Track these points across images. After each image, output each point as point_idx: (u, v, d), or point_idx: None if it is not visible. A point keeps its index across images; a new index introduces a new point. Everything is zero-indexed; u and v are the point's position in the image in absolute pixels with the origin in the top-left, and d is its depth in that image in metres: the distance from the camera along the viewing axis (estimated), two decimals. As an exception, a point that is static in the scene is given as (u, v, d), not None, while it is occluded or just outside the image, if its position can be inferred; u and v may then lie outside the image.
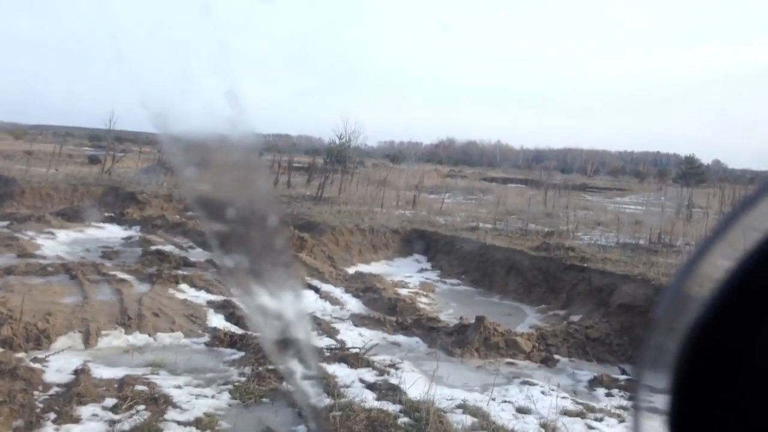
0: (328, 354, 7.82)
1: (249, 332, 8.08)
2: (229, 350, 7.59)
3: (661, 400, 0.52)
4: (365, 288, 10.70)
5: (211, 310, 9.07)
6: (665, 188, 49.15)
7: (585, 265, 10.50)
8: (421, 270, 12.85)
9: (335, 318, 9.48)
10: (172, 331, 8.04)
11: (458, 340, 8.37)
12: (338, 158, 47.05)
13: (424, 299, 10.70)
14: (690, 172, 51.96)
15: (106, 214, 16.56)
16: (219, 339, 7.79)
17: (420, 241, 13.90)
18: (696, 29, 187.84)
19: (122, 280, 9.88)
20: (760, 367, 0.49)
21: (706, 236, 0.55)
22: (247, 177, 1.26)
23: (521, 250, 11.74)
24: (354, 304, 10.20)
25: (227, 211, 1.19)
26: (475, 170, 64.21)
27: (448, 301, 10.77)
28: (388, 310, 9.88)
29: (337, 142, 51.55)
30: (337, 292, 10.71)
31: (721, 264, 0.50)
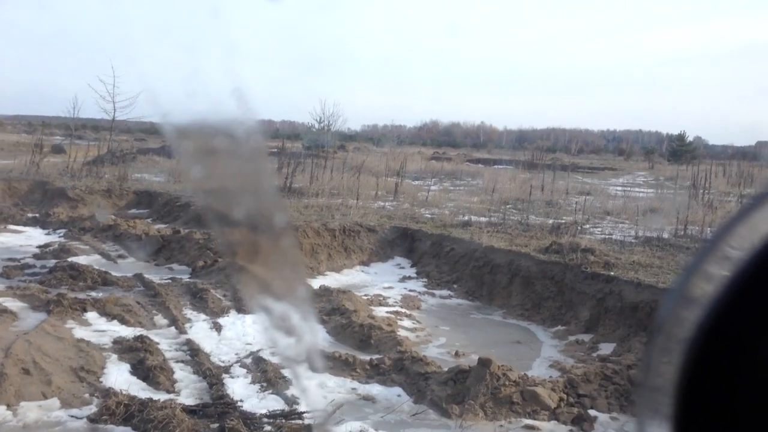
0: (268, 427, 5.47)
1: (157, 396, 5.68)
2: (120, 429, 5.19)
3: (666, 410, 0.50)
4: (331, 309, 8.33)
5: (115, 357, 6.63)
6: (656, 166, 47.33)
7: (612, 273, 8.21)
8: (404, 278, 10.49)
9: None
10: (45, 397, 5.60)
11: (456, 393, 6.05)
12: (317, 143, 44.48)
13: (406, 322, 8.36)
14: (681, 150, 50.11)
15: (30, 215, 13.94)
16: (110, 411, 5.36)
17: (402, 242, 11.53)
18: (673, 9, 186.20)
19: (3, 312, 7.38)
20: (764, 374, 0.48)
21: (710, 236, 0.54)
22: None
23: (527, 252, 9.42)
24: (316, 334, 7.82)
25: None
26: (460, 151, 62.19)
27: (437, 324, 8.44)
28: (359, 343, 7.54)
29: (316, 126, 49.06)
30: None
31: (726, 266, 0.49)
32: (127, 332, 7.42)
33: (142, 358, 6.56)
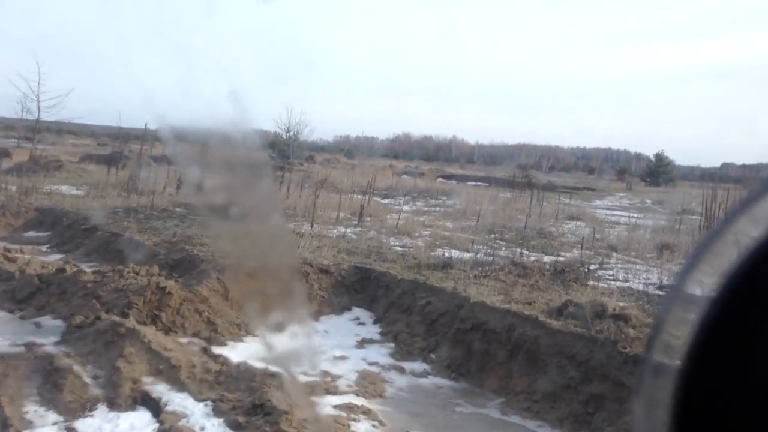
0: None
1: None
2: None
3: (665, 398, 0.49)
4: (252, 406, 5.60)
5: None
6: (633, 187, 45.84)
7: (661, 357, 5.68)
8: (363, 341, 7.82)
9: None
10: None
11: None
12: (283, 153, 41.86)
13: (364, 424, 5.69)
14: (659, 170, 48.86)
15: None
16: None
17: (363, 287, 8.86)
18: (645, 30, 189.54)
19: None
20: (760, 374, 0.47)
21: (704, 237, 0.54)
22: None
23: (533, 316, 6.86)
24: (223, 451, 5.11)
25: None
26: (432, 166, 60.54)
27: (409, 425, 5.79)
28: (288, 472, 4.84)
29: (284, 135, 46.54)
30: (197, 413, 5.58)
31: (717, 270, 0.48)
32: None
33: None
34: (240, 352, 7.11)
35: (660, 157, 50.43)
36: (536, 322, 6.71)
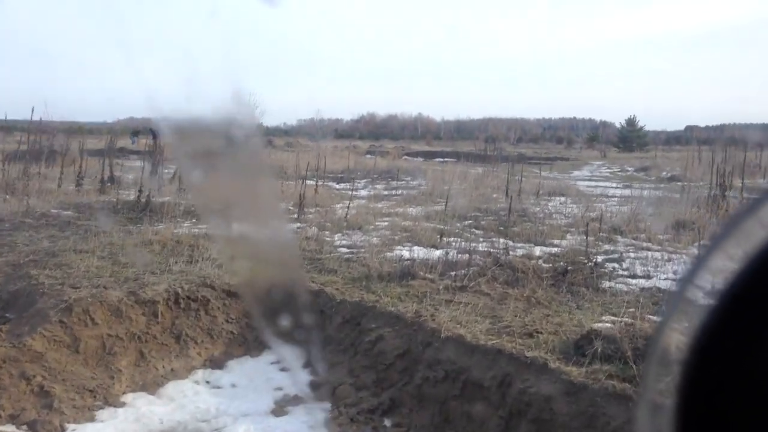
0: None
1: None
2: None
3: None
4: None
5: None
6: (608, 154, 44.09)
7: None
8: (285, 402, 5.25)
9: None
10: None
11: None
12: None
13: None
14: (632, 135, 47.18)
15: None
16: None
17: (290, 314, 6.28)
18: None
19: None
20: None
21: (720, 226, 0.50)
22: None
23: (539, 359, 4.38)
24: None
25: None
26: (398, 144, 58.10)
27: None
28: None
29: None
30: None
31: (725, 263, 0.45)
32: None
33: None
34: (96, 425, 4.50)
35: (632, 122, 48.71)
36: (545, 369, 4.24)
